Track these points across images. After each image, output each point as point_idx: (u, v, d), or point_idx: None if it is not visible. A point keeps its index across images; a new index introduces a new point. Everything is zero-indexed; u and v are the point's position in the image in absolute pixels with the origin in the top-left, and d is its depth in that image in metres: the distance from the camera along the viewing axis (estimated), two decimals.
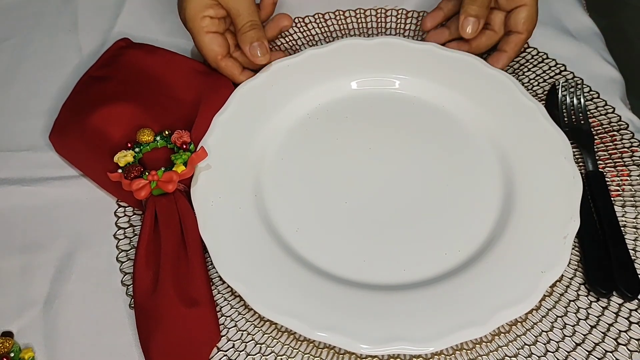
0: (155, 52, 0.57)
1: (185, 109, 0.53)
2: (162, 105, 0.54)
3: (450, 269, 0.45)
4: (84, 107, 0.53)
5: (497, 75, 0.54)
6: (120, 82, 0.55)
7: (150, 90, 0.54)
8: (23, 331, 0.44)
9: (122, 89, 0.54)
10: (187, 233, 0.45)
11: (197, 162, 0.48)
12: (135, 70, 0.55)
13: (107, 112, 0.52)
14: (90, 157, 0.50)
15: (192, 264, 0.44)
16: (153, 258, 0.45)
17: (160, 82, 0.55)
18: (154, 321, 0.42)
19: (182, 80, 0.55)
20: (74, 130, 0.52)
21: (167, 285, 0.43)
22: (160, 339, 0.41)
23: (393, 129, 0.54)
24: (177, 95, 0.54)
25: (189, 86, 0.54)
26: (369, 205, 0.49)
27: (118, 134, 0.51)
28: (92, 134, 0.51)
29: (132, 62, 0.56)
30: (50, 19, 0.65)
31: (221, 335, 0.43)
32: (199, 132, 0.51)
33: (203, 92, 0.54)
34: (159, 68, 0.56)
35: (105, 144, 0.50)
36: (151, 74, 0.55)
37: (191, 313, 0.42)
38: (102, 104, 0.52)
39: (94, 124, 0.51)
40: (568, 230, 0.44)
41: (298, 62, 0.56)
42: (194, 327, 0.42)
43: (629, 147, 0.52)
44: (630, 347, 0.42)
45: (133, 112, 0.52)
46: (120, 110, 0.52)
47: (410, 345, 0.40)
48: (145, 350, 0.41)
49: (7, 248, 0.48)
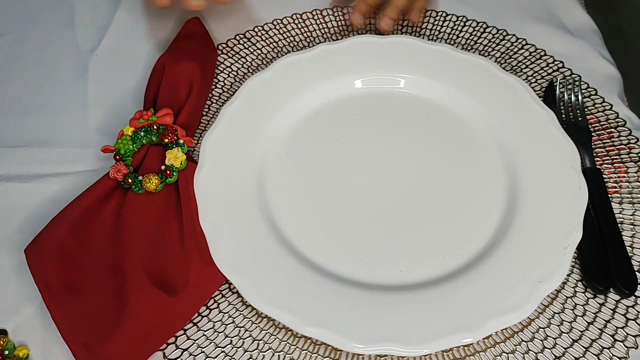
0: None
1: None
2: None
3: (446, 272, 0.45)
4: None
5: (509, 79, 0.53)
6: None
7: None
8: (19, 329, 0.44)
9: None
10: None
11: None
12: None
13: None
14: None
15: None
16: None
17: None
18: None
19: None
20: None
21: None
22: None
23: (401, 129, 0.53)
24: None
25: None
26: (370, 204, 0.49)
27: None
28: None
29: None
30: (47, 15, 0.65)
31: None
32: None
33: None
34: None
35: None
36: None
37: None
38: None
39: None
40: (569, 241, 0.44)
41: (309, 57, 0.56)
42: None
43: (627, 144, 0.52)
44: (627, 343, 0.42)
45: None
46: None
47: (400, 347, 0.40)
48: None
49: (3, 245, 0.48)
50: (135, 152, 0.50)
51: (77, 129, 0.55)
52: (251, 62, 0.60)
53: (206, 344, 0.43)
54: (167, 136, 0.49)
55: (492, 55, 0.59)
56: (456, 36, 0.61)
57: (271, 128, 0.52)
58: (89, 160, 0.53)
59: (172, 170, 0.48)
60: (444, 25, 0.62)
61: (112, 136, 0.54)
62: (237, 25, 0.62)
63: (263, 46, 0.61)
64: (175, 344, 0.43)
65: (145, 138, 0.50)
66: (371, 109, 0.55)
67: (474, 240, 0.46)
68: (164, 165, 0.48)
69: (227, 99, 0.57)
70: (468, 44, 0.60)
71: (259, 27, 0.62)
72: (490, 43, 0.60)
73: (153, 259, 0.44)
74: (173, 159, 0.48)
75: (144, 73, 0.59)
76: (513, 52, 0.59)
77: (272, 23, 0.63)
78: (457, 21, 0.62)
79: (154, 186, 0.47)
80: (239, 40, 0.61)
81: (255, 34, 0.62)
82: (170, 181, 0.48)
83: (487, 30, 0.61)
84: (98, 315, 0.42)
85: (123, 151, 0.49)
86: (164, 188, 0.48)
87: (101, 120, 0.56)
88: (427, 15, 0.63)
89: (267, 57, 0.60)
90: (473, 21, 0.62)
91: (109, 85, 0.59)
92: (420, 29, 0.62)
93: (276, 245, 0.45)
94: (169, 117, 0.51)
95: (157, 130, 0.50)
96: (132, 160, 0.49)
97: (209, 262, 0.44)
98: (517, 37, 0.60)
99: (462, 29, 0.62)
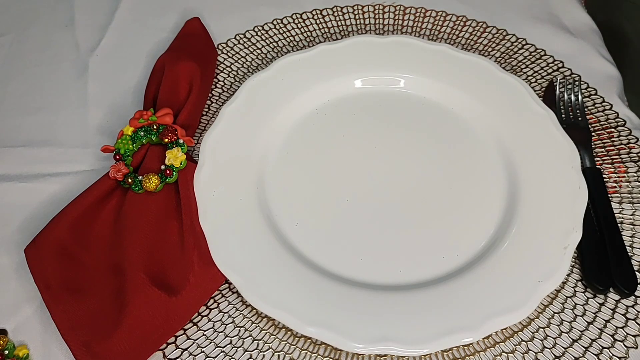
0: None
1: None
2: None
3: (446, 272, 0.45)
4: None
5: (509, 79, 0.54)
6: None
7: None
8: (19, 328, 0.44)
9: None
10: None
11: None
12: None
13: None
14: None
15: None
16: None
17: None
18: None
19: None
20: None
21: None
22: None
23: (401, 129, 0.53)
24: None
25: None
26: (370, 204, 0.49)
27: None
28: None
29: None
30: (47, 15, 0.65)
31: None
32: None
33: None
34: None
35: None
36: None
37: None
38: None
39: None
40: (569, 241, 0.44)
41: (309, 57, 0.56)
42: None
43: (626, 144, 0.52)
44: (626, 343, 0.42)
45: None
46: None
47: (400, 347, 0.40)
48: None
49: (3, 245, 0.48)
50: (135, 151, 0.50)
51: (77, 129, 0.55)
52: (251, 62, 0.60)
53: (206, 343, 0.43)
54: (167, 136, 0.49)
55: (492, 55, 0.59)
56: (456, 36, 0.61)
57: (271, 128, 0.52)
58: (89, 160, 0.53)
59: (172, 170, 0.48)
60: (444, 25, 0.62)
61: (112, 136, 0.54)
62: (237, 25, 0.62)
63: (263, 46, 0.61)
64: (175, 343, 0.43)
65: (145, 138, 0.50)
66: (371, 109, 0.55)
67: (473, 240, 0.46)
68: (164, 165, 0.48)
69: (227, 98, 0.57)
70: (468, 44, 0.60)
71: (259, 27, 0.62)
72: (490, 43, 0.60)
73: (153, 259, 0.44)
74: (173, 158, 0.48)
75: (144, 73, 0.59)
76: (513, 52, 0.60)
77: (272, 23, 0.63)
78: (457, 21, 0.62)
79: (153, 186, 0.47)
80: (239, 40, 0.61)
81: (255, 34, 0.62)
82: (170, 181, 0.48)
83: (487, 30, 0.61)
84: (98, 315, 0.42)
85: (123, 151, 0.49)
86: (164, 188, 0.48)
87: (101, 120, 0.56)
88: (427, 15, 0.63)
89: (267, 57, 0.60)
90: (473, 21, 0.62)
91: (109, 85, 0.59)
92: (420, 29, 0.62)
93: (276, 245, 0.45)
94: (168, 116, 0.51)
95: (157, 130, 0.50)
96: (132, 160, 0.49)
97: (209, 262, 0.44)
98: (517, 37, 0.60)
99: (462, 28, 0.62)
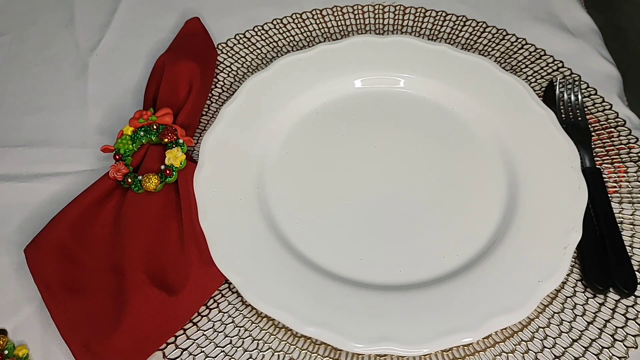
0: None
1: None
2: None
3: (446, 272, 0.45)
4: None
5: (509, 79, 0.54)
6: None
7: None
8: (19, 328, 0.44)
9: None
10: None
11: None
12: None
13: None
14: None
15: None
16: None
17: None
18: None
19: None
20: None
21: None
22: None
23: (400, 129, 0.53)
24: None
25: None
26: (370, 204, 0.49)
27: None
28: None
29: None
30: (47, 15, 0.65)
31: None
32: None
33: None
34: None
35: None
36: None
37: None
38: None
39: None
40: (569, 241, 0.44)
41: (309, 57, 0.56)
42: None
43: (626, 144, 0.52)
44: (626, 343, 0.42)
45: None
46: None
47: (400, 347, 0.40)
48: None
49: (3, 245, 0.48)
50: (134, 151, 0.50)
51: (77, 129, 0.55)
52: (251, 62, 0.60)
53: (206, 343, 0.43)
54: (166, 136, 0.49)
55: (492, 55, 0.59)
56: (456, 36, 0.61)
57: (271, 128, 0.52)
58: (88, 160, 0.53)
59: (172, 170, 0.48)
60: (444, 25, 0.62)
61: (111, 136, 0.54)
62: (237, 25, 0.62)
63: (263, 46, 0.61)
64: (175, 343, 0.43)
65: (144, 138, 0.50)
66: (371, 109, 0.55)
67: (473, 240, 0.46)
68: (164, 164, 0.48)
69: (227, 98, 0.57)
70: (468, 44, 0.60)
71: (259, 27, 0.62)
72: (490, 43, 0.60)
73: (153, 259, 0.44)
74: (173, 158, 0.48)
75: (144, 73, 0.59)
76: (513, 51, 0.59)
77: (272, 23, 0.63)
78: (457, 21, 0.62)
79: (153, 186, 0.47)
80: (238, 40, 0.61)
81: (255, 34, 0.62)
82: (170, 181, 0.48)
83: (487, 30, 0.61)
84: (98, 314, 0.42)
85: (123, 151, 0.49)
86: (164, 188, 0.48)
87: (101, 119, 0.56)
88: (427, 15, 0.63)
89: (267, 57, 0.60)
90: (473, 21, 0.62)
91: (109, 84, 0.59)
92: (420, 29, 0.62)
93: (276, 245, 0.45)
94: (168, 116, 0.51)
95: (156, 129, 0.50)
96: (131, 159, 0.49)
97: (208, 262, 0.44)
98: (517, 37, 0.60)
99: (462, 28, 0.62)
